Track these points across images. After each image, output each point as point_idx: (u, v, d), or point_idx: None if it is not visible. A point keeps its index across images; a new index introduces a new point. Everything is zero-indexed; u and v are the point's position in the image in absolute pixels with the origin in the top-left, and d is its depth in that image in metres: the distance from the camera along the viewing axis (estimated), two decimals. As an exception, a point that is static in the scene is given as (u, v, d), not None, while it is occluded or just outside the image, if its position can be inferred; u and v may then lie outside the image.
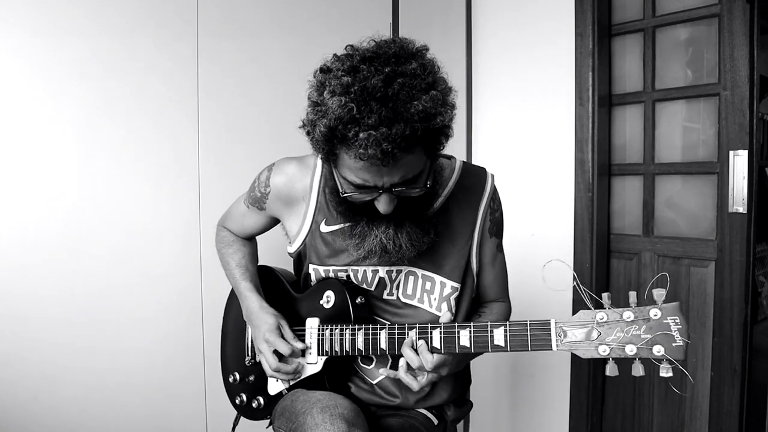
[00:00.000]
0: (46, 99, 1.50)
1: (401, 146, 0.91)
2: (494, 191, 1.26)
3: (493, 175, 1.27)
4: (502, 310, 1.30)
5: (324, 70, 0.99)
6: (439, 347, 1.06)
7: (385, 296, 1.22)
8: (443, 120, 0.96)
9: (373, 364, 1.24)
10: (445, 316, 1.09)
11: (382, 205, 1.03)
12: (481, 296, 1.31)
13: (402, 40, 1.00)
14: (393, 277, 1.21)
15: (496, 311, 1.28)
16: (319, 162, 1.24)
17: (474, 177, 1.25)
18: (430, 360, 1.05)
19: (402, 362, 1.09)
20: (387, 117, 0.90)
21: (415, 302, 1.22)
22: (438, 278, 1.21)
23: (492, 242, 1.26)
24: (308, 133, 1.01)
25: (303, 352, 1.20)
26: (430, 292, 1.21)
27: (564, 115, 2.24)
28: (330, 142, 0.96)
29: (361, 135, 0.90)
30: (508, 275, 1.34)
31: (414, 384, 1.09)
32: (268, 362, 1.20)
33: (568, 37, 2.21)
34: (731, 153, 1.91)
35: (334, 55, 1.00)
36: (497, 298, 1.32)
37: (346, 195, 1.05)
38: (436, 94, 0.95)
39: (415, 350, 1.07)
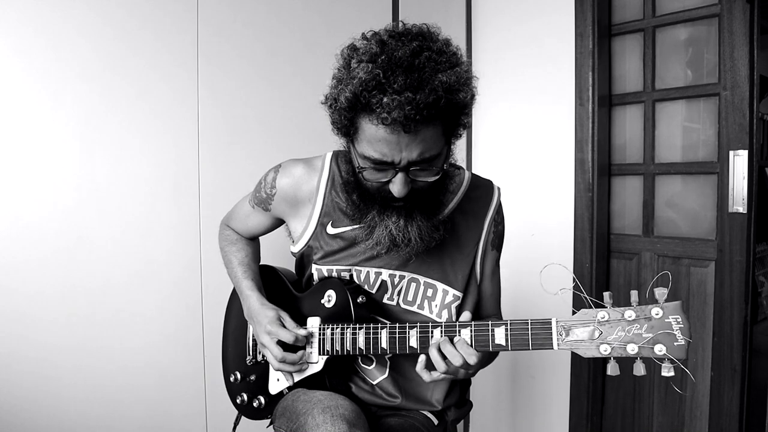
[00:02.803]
0: (46, 97, 1.50)
1: (423, 114, 0.92)
2: (499, 205, 1.27)
3: (499, 189, 1.28)
4: None
5: (352, 47, 1.01)
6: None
7: (385, 300, 1.22)
8: (465, 97, 0.98)
9: (374, 365, 1.24)
10: (464, 315, 1.07)
11: (397, 186, 1.02)
12: (479, 309, 1.30)
13: (428, 25, 1.03)
14: (395, 282, 1.21)
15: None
16: (327, 164, 1.24)
17: (481, 189, 1.26)
18: (474, 354, 1.02)
19: (434, 360, 1.05)
20: (412, 84, 0.92)
21: (415, 308, 1.22)
22: (441, 286, 1.21)
23: (493, 255, 1.27)
24: (330, 106, 1.02)
25: (307, 340, 1.19)
26: (432, 299, 1.21)
27: (564, 115, 2.24)
28: (353, 109, 0.97)
29: (385, 99, 0.92)
30: (508, 276, 1.34)
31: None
32: (272, 353, 1.18)
33: (568, 37, 2.21)
34: (731, 153, 1.91)
35: (362, 34, 1.02)
36: (492, 313, 1.32)
37: (361, 170, 1.04)
38: (460, 71, 0.98)
39: (453, 347, 1.03)
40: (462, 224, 1.22)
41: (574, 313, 0.97)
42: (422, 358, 1.07)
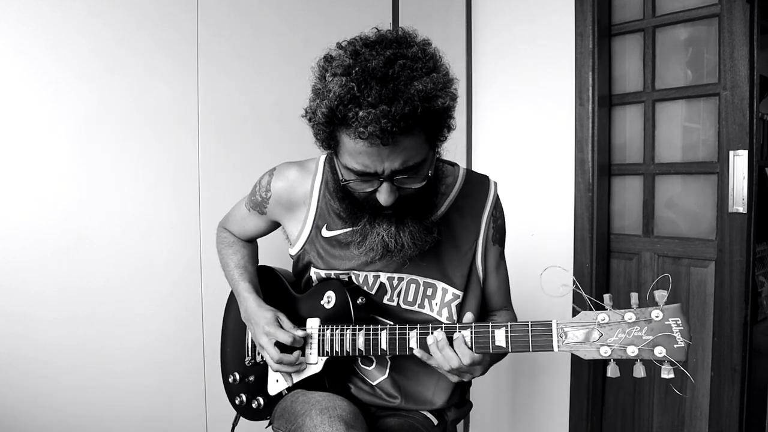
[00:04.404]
0: (46, 97, 1.50)
1: (401, 126, 0.91)
2: (497, 199, 1.26)
3: (496, 183, 1.27)
4: (510, 317, 1.30)
5: (327, 58, 1.00)
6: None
7: (385, 301, 1.22)
8: (444, 103, 0.95)
9: (373, 366, 1.24)
10: (467, 317, 1.06)
11: (383, 195, 1.01)
12: (487, 305, 1.30)
13: (405, 30, 1.00)
14: (394, 285, 1.21)
15: (505, 319, 1.27)
16: (321, 166, 1.24)
17: (477, 185, 1.25)
18: (468, 354, 1.01)
19: (435, 362, 1.05)
20: (387, 96, 0.90)
21: (415, 308, 1.21)
22: (440, 285, 1.21)
23: (495, 250, 1.26)
24: (310, 120, 1.01)
25: (304, 342, 1.19)
26: (432, 297, 1.21)
27: (564, 115, 2.24)
28: (330, 124, 0.96)
29: (360, 113, 0.90)
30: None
31: (453, 377, 1.08)
32: (270, 354, 1.19)
33: (568, 37, 2.21)
34: (731, 153, 1.91)
35: (337, 44, 1.01)
36: (502, 306, 1.31)
37: (345, 183, 1.04)
38: (437, 76, 0.95)
39: (453, 349, 1.03)
40: (458, 222, 1.22)
41: (574, 314, 0.97)
42: (422, 353, 1.07)
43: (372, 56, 0.93)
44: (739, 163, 1.90)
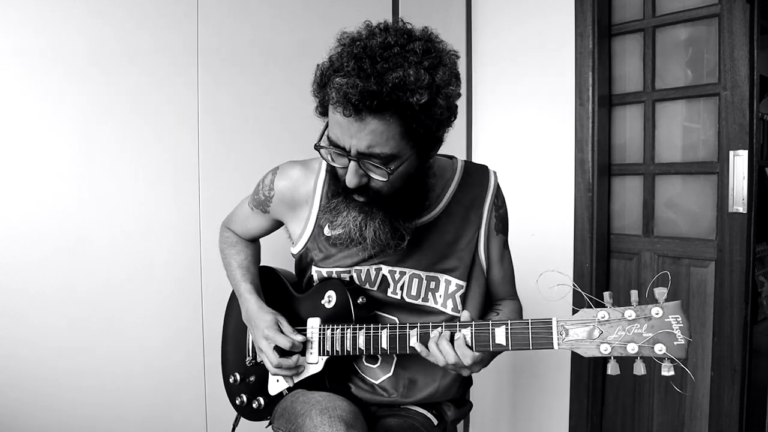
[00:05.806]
0: (46, 97, 1.50)
1: (366, 103, 0.93)
2: (498, 188, 1.26)
3: (495, 172, 1.27)
4: (515, 307, 1.30)
5: (354, 32, 1.04)
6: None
7: (389, 294, 1.22)
8: (420, 99, 0.94)
9: (378, 364, 1.24)
10: (464, 315, 1.07)
11: (347, 175, 1.03)
12: (492, 294, 1.31)
13: (428, 30, 1.04)
14: (396, 278, 1.21)
15: (510, 308, 1.28)
16: (324, 166, 1.24)
17: (476, 175, 1.25)
18: (470, 355, 1.02)
19: (435, 358, 1.06)
20: (365, 72, 0.94)
21: (419, 302, 1.22)
22: (443, 277, 1.21)
23: (498, 239, 1.26)
24: (314, 80, 1.05)
25: (303, 346, 1.19)
26: (435, 290, 1.21)
27: (564, 116, 2.24)
28: (321, 85, 1.02)
29: (337, 79, 0.95)
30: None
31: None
32: (269, 358, 1.19)
33: (568, 37, 2.21)
34: (731, 153, 1.91)
35: (367, 22, 1.05)
36: (507, 295, 1.32)
37: (319, 147, 1.06)
38: (425, 75, 0.95)
39: (452, 345, 1.04)
40: (459, 214, 1.22)
41: (574, 312, 0.97)
42: (420, 347, 1.07)
43: (377, 37, 0.97)
44: (739, 163, 1.90)
